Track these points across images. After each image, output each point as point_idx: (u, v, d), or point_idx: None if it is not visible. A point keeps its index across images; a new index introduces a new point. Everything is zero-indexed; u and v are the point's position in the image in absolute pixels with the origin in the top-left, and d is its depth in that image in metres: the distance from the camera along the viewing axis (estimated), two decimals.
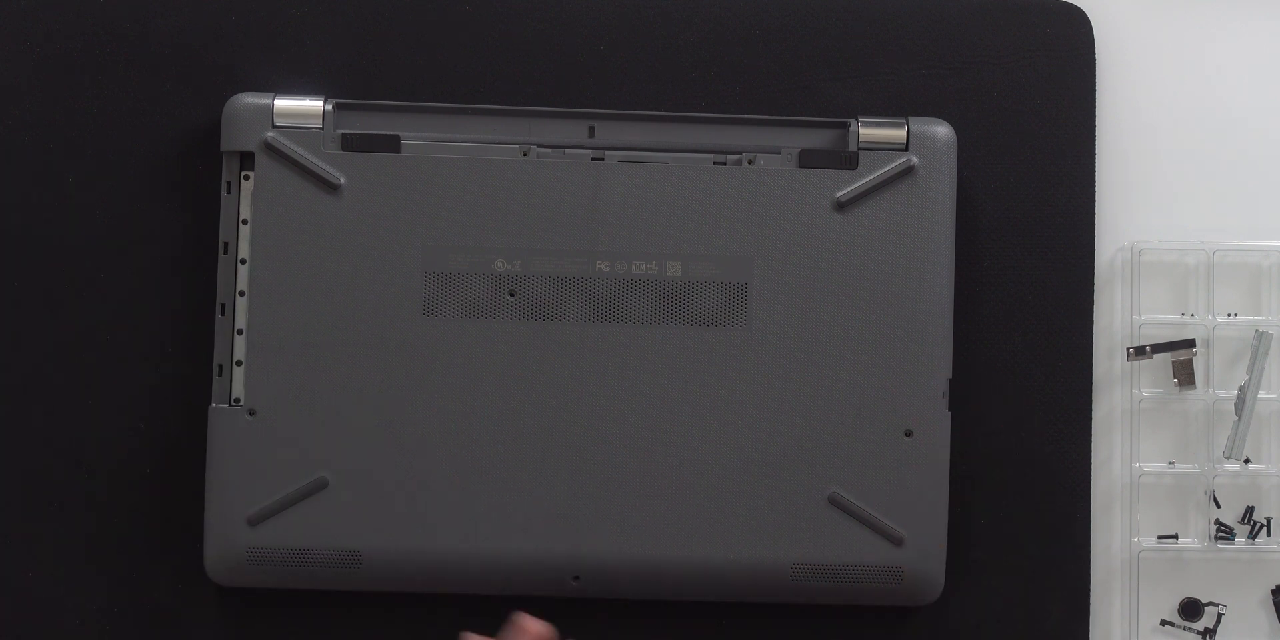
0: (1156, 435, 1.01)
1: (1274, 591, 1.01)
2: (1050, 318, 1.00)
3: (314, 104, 0.96)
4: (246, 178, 0.96)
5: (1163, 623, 1.01)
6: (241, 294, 0.96)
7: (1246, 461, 1.00)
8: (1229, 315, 1.01)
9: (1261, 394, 1.00)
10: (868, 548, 0.95)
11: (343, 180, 0.95)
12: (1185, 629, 1.00)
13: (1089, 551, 1.00)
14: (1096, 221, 1.01)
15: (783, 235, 0.96)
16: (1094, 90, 1.00)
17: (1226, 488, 1.01)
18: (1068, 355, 1.00)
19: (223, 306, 0.96)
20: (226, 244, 0.96)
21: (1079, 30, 1.00)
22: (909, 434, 0.96)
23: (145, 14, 0.99)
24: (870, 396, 0.96)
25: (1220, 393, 1.00)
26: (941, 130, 0.98)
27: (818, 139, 0.98)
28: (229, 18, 0.99)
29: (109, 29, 0.99)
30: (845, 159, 0.97)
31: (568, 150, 0.97)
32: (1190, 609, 1.00)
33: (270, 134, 0.96)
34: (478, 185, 0.96)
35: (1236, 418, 1.00)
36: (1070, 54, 1.00)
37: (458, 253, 0.96)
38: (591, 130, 0.97)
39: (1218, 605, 1.01)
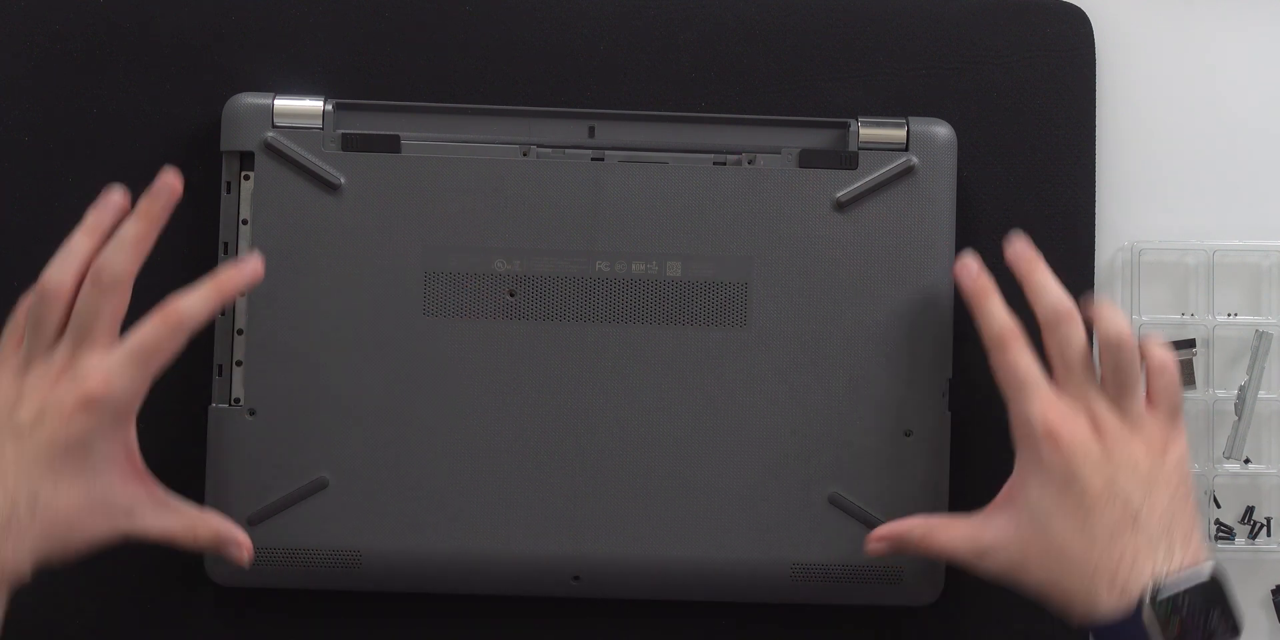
0: None
1: (1274, 591, 1.01)
2: None
3: (314, 104, 0.96)
4: (246, 178, 0.96)
5: None
6: (241, 294, 0.96)
7: (1246, 461, 1.00)
8: (1229, 315, 1.01)
9: (1261, 394, 1.00)
10: None
11: (343, 180, 0.95)
12: None
13: None
14: (1096, 221, 1.01)
15: (783, 235, 0.96)
16: (1094, 90, 1.00)
17: (1226, 488, 1.01)
18: None
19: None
20: (226, 244, 0.96)
21: (1079, 30, 1.00)
22: (909, 434, 0.96)
23: (145, 14, 0.99)
24: (870, 396, 0.96)
25: (1220, 393, 1.00)
26: (941, 130, 0.98)
27: (818, 139, 0.98)
28: (229, 18, 0.99)
29: (109, 29, 0.99)
30: (845, 159, 0.97)
31: (568, 150, 0.97)
32: None
33: (270, 134, 0.96)
34: (478, 185, 0.96)
35: (1236, 418, 1.00)
36: (1070, 54, 1.00)
37: (458, 253, 0.96)
38: (591, 130, 0.97)
39: None
